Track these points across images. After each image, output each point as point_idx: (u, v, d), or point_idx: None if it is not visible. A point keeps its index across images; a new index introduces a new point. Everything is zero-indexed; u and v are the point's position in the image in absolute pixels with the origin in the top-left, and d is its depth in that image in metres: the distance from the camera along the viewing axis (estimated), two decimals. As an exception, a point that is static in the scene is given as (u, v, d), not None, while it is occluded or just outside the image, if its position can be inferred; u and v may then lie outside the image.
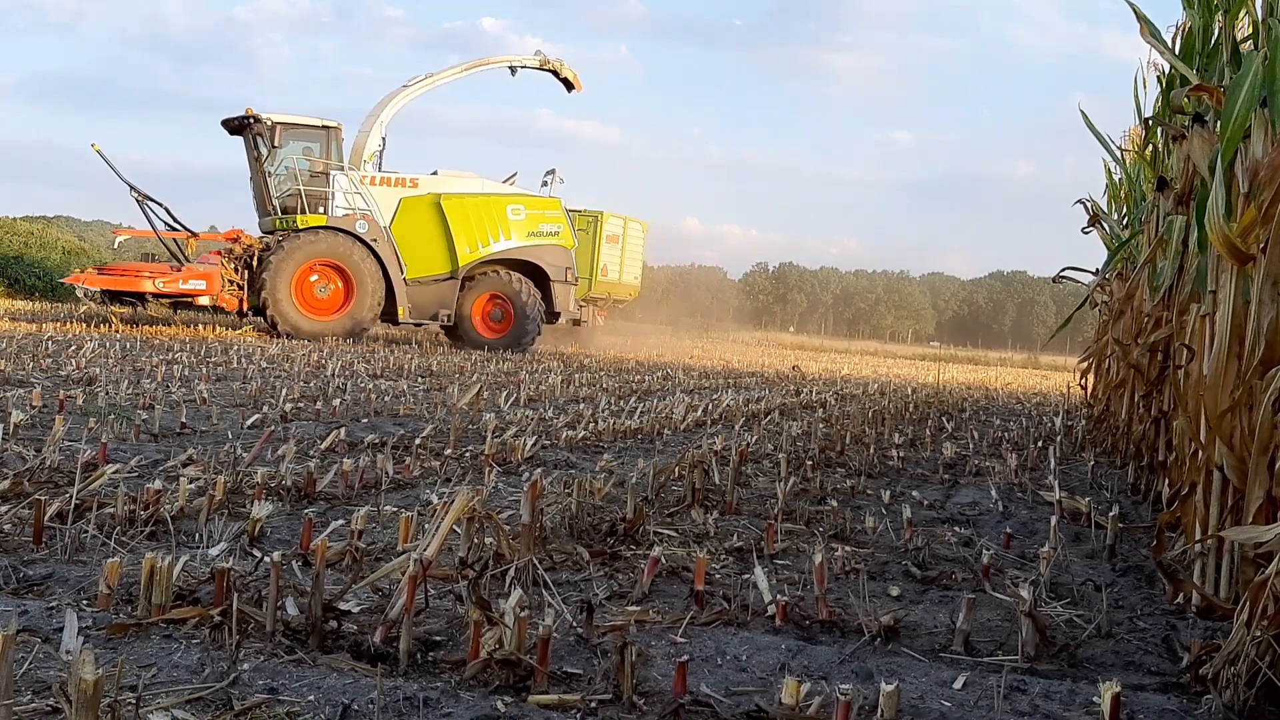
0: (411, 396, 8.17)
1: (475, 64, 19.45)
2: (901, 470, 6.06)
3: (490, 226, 17.53)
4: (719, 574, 3.22)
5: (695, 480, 4.38)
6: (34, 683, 1.95)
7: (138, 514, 3.23)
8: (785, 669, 2.39)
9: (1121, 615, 3.11)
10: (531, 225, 17.90)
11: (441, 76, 18.86)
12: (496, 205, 17.67)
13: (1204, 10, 4.45)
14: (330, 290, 16.44)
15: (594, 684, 2.18)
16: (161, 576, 2.40)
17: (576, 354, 18.55)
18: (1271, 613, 2.31)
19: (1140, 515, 5.12)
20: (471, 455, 5.20)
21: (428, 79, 18.64)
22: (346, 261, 16.40)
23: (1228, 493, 3.20)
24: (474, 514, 2.85)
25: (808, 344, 57.13)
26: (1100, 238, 9.21)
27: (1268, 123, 3.22)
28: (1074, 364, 14.64)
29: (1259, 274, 3.02)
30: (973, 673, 2.47)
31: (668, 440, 6.66)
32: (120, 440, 4.95)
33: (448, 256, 17.21)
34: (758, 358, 26.92)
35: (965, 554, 3.86)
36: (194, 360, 10.19)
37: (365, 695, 2.02)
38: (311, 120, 17.19)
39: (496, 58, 19.87)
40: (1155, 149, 7.07)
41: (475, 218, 17.43)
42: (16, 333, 12.36)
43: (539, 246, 17.92)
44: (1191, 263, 4.33)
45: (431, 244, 17.14)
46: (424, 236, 17.12)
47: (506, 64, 19.63)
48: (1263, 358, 2.97)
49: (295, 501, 3.84)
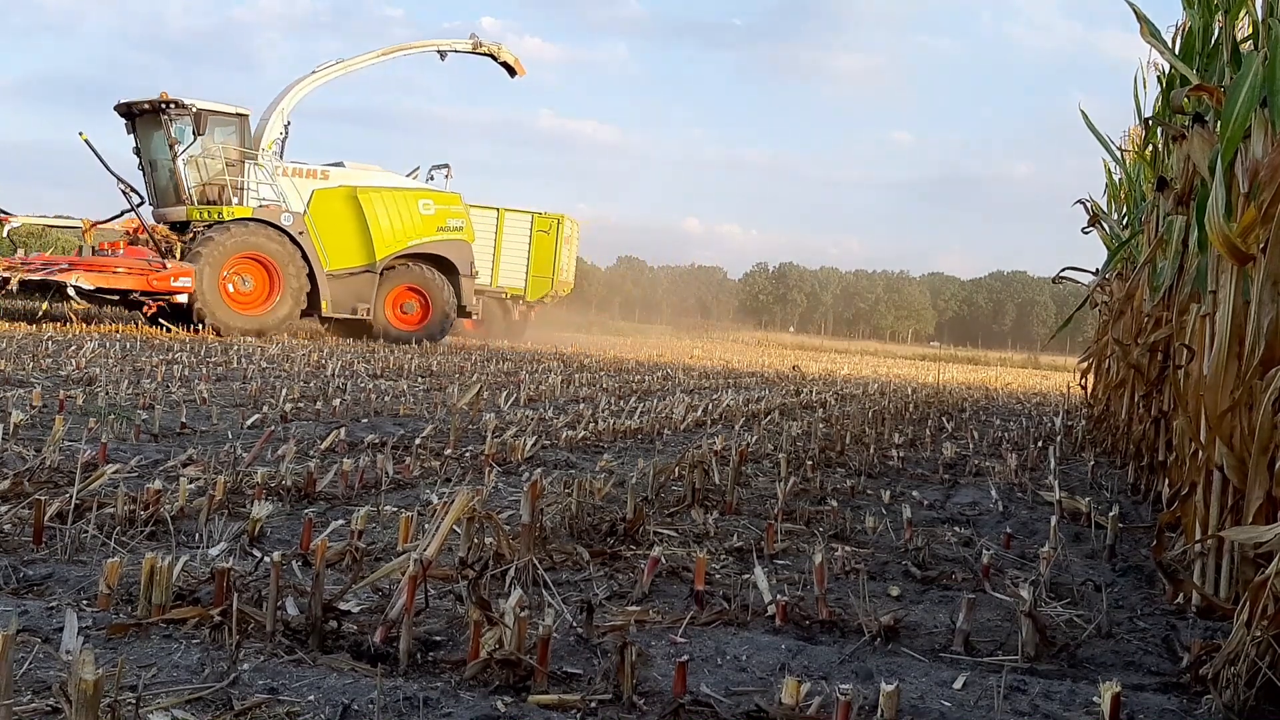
0: (411, 396, 8.17)
1: (395, 49, 19.13)
2: (901, 470, 6.06)
3: (405, 220, 17.56)
4: (719, 574, 3.22)
5: (695, 480, 4.38)
6: (34, 682, 1.95)
7: (138, 514, 3.23)
8: (785, 669, 2.39)
9: (1121, 615, 3.11)
10: (440, 220, 17.98)
11: (356, 62, 18.55)
12: (410, 200, 17.71)
13: (1204, 10, 4.45)
14: (252, 284, 16.09)
15: (594, 684, 2.18)
16: (161, 576, 2.40)
17: (576, 354, 18.55)
18: (1271, 613, 2.32)
19: (1140, 515, 5.12)
20: (471, 455, 5.20)
21: (339, 65, 18.32)
22: (273, 255, 16.08)
23: (1228, 493, 3.20)
24: (474, 514, 2.85)
25: (808, 344, 57.19)
26: (1100, 238, 9.22)
27: (1268, 123, 3.22)
28: (1074, 364, 14.65)
29: (1259, 274, 3.02)
30: (973, 673, 2.47)
31: (668, 440, 6.66)
32: (120, 440, 4.95)
33: (366, 250, 17.15)
34: (758, 358, 26.93)
35: (965, 554, 3.86)
36: (194, 360, 10.19)
37: (365, 695, 2.02)
38: (228, 107, 16.75)
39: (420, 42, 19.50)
40: (1155, 149, 7.07)
41: (391, 211, 17.44)
42: (16, 333, 12.36)
43: (448, 241, 18.06)
44: (1191, 263, 4.33)
45: (349, 237, 17.05)
46: (342, 229, 17.01)
47: (434, 48, 19.33)
48: (1262, 358, 2.97)
49: (295, 501, 3.84)
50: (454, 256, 18.15)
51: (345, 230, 17.06)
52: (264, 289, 16.23)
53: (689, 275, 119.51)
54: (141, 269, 14.92)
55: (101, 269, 14.79)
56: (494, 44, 19.85)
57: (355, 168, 17.85)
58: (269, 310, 16.19)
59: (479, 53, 19.74)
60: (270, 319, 16.15)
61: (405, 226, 17.57)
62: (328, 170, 17.40)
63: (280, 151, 17.39)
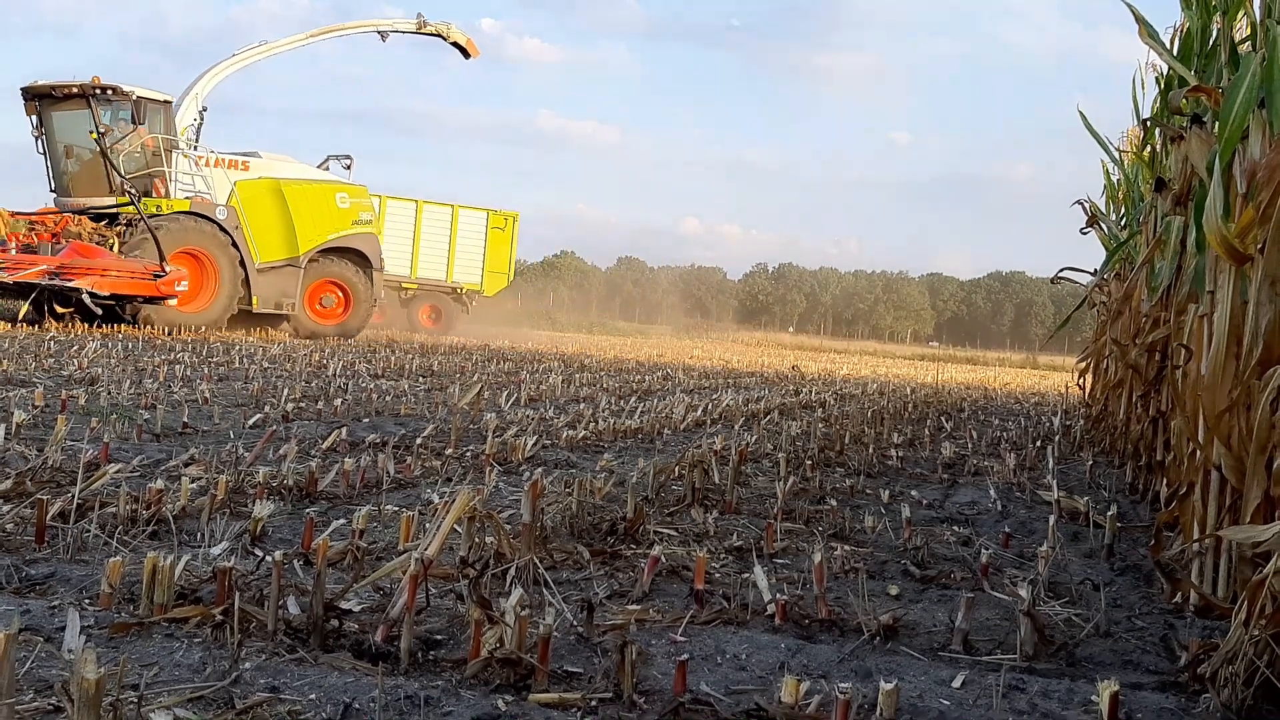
0: (412, 396, 8.18)
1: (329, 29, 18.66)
2: (900, 470, 6.07)
3: (325, 213, 17.30)
4: (719, 573, 3.23)
5: (695, 480, 4.38)
6: (36, 682, 1.96)
7: (140, 513, 3.24)
8: (785, 668, 2.40)
9: (1120, 614, 3.12)
10: (354, 213, 17.77)
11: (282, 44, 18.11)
12: (328, 192, 17.46)
13: (1202, 11, 4.46)
14: (189, 280, 15.44)
15: (594, 682, 2.19)
16: (163, 576, 2.41)
17: (577, 355, 18.55)
18: (1269, 612, 2.32)
19: (1138, 515, 5.13)
20: (472, 455, 5.21)
21: (261, 47, 17.89)
22: (209, 249, 15.69)
23: (1225, 492, 3.21)
24: (475, 513, 2.86)
25: (807, 344, 57.20)
26: (1098, 238, 9.24)
27: (1265, 124, 3.23)
28: (1072, 364, 14.66)
29: (1256, 274, 3.03)
30: (971, 671, 2.48)
31: (668, 440, 6.67)
32: (122, 440, 4.96)
33: (291, 244, 16.83)
34: (757, 358, 26.94)
35: (964, 553, 3.87)
36: (196, 360, 10.20)
37: (366, 694, 2.03)
38: (158, 94, 16.25)
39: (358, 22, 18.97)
40: (1153, 150, 7.08)
41: (312, 205, 17.16)
42: (19, 333, 12.36)
43: (362, 235, 17.87)
44: (1189, 263, 4.34)
45: (275, 231, 16.72)
46: (269, 223, 16.68)
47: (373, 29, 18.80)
48: (1260, 358, 2.98)
49: (297, 501, 3.84)
50: (368, 250, 17.94)
51: (271, 224, 16.71)
52: (199, 284, 15.75)
53: (689, 275, 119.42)
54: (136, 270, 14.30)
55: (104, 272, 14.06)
56: (442, 23, 19.25)
57: (271, 158, 17.48)
58: (206, 307, 15.72)
59: (425, 33, 19.19)
60: (207, 315, 15.68)
61: (324, 220, 17.28)
62: (247, 161, 17.02)
63: (195, 139, 16.97)
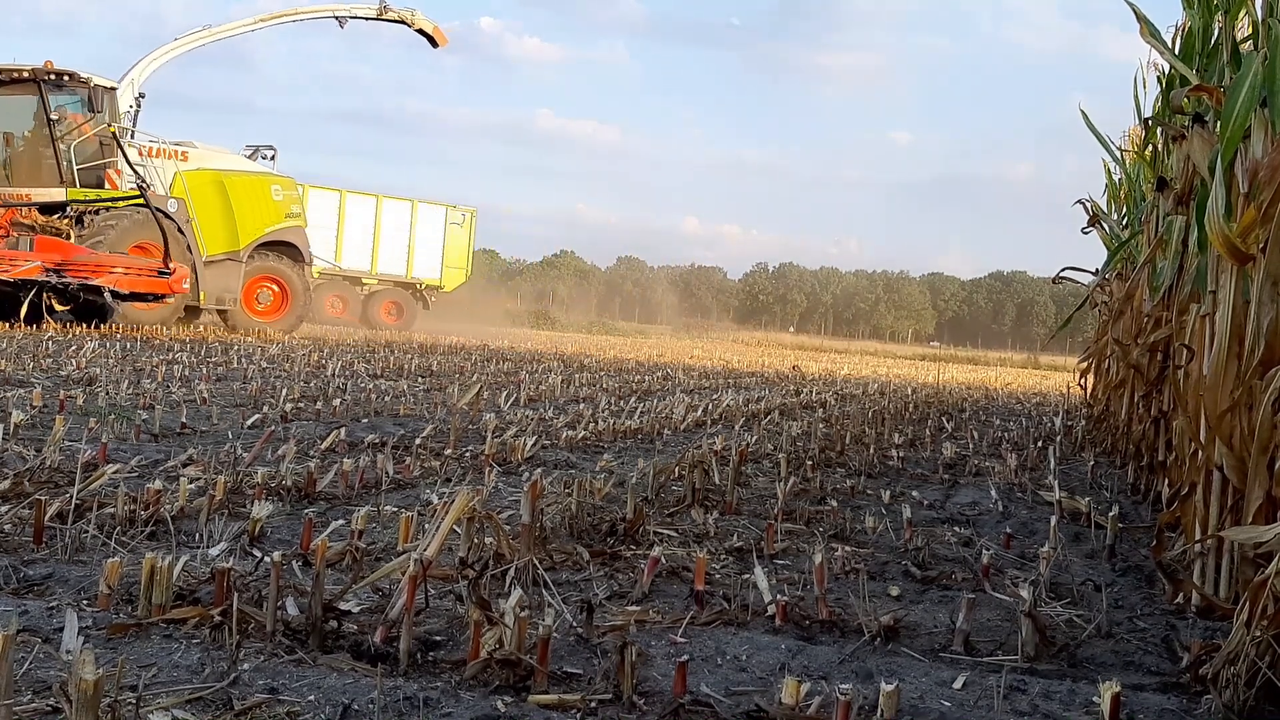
0: (411, 396, 8.17)
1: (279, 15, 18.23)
2: (901, 470, 6.06)
3: (262, 206, 17.04)
4: (719, 574, 3.22)
5: (695, 480, 4.38)
6: (34, 682, 1.95)
7: (138, 514, 3.24)
8: (785, 669, 2.39)
9: (1121, 615, 3.11)
10: (287, 206, 17.53)
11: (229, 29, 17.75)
12: (263, 185, 17.20)
13: (1204, 10, 4.45)
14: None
15: (594, 684, 2.18)
16: (162, 576, 2.40)
17: (577, 355, 18.54)
18: (1271, 613, 2.32)
19: (1140, 515, 5.12)
20: (472, 455, 5.20)
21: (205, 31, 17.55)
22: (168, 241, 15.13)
23: (1227, 493, 3.20)
24: (474, 514, 2.85)
25: (808, 344, 57.23)
26: (1100, 238, 9.22)
27: (1267, 123, 3.23)
28: (1074, 364, 14.64)
29: (1259, 274, 3.03)
30: (972, 672, 2.47)
31: (668, 440, 6.66)
32: (120, 440, 4.95)
33: (232, 237, 16.55)
34: (758, 358, 26.94)
35: (965, 554, 3.86)
36: (194, 360, 10.19)
37: (365, 695, 2.02)
38: (106, 81, 15.86)
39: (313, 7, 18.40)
40: (1155, 149, 7.07)
41: (251, 197, 16.89)
42: (17, 333, 12.36)
43: (294, 228, 17.62)
44: (1191, 263, 4.34)
45: (219, 224, 16.45)
46: (213, 215, 16.42)
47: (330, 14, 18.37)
48: (1262, 358, 2.97)
49: (295, 501, 3.84)
50: (300, 243, 17.70)
51: (215, 216, 16.46)
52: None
53: (689, 275, 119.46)
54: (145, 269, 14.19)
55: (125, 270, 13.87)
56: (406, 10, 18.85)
57: (206, 149, 17.21)
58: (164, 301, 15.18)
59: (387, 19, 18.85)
60: (161, 312, 15.27)
61: (261, 213, 17.03)
62: (186, 151, 16.74)
63: (131, 127, 16.63)
